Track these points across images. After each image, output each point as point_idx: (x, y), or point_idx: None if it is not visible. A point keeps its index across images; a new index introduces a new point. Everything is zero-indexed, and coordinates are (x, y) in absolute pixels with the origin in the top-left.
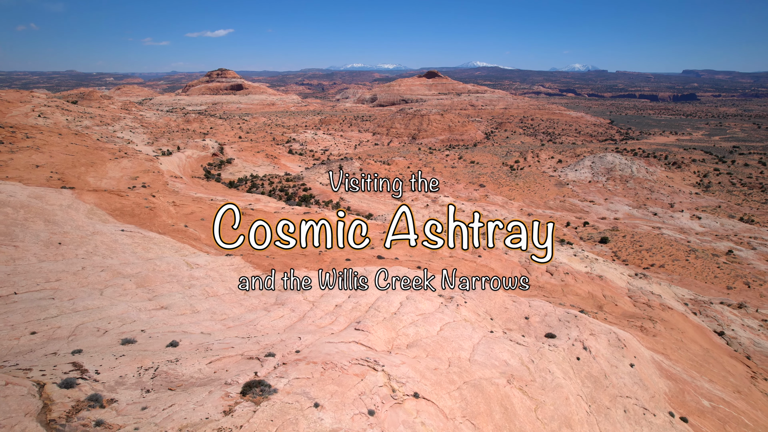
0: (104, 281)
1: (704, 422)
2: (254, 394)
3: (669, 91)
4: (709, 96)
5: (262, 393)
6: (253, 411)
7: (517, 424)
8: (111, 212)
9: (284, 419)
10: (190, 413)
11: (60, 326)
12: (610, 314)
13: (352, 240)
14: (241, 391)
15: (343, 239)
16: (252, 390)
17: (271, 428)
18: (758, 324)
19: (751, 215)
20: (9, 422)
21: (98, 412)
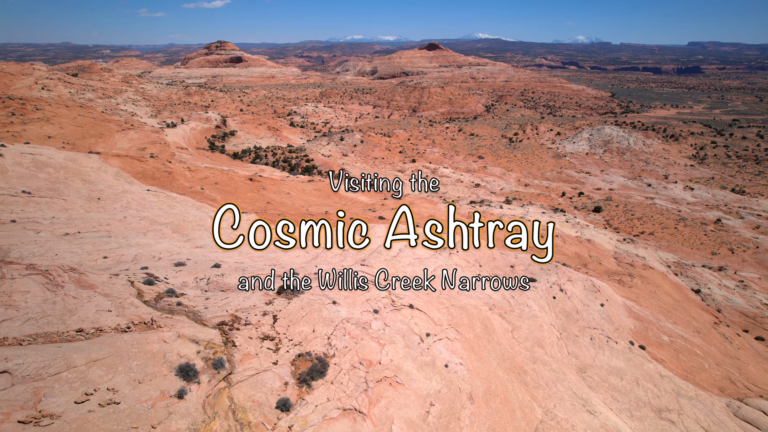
0: (145, 227)
1: (660, 351)
2: (287, 294)
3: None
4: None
5: (292, 293)
6: (288, 302)
7: (494, 338)
8: (134, 175)
9: (311, 308)
10: (241, 302)
11: (123, 254)
12: (593, 271)
13: (352, 240)
14: (277, 292)
15: (343, 240)
16: (285, 291)
17: (301, 313)
18: (735, 284)
19: (742, 186)
20: (121, 300)
21: (175, 299)
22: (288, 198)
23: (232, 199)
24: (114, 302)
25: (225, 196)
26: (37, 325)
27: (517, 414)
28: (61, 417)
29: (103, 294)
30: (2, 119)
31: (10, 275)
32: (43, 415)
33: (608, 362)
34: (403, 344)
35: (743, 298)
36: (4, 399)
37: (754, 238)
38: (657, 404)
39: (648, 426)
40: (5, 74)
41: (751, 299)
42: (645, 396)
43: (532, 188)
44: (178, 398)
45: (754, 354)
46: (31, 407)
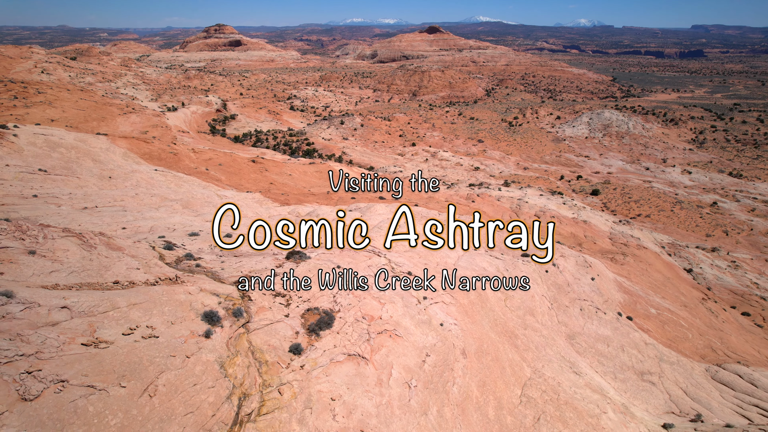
0: (157, 203)
1: (647, 322)
2: (295, 259)
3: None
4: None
5: (300, 258)
6: (296, 265)
7: (488, 305)
8: (141, 156)
9: (317, 270)
10: (253, 265)
11: (140, 225)
12: (587, 250)
13: (352, 240)
14: (286, 257)
15: (343, 239)
16: (293, 256)
17: (309, 274)
18: (726, 264)
19: (740, 170)
20: (146, 260)
21: (194, 261)
22: (290, 179)
23: (236, 180)
24: (140, 262)
25: (229, 177)
26: (80, 276)
27: (507, 371)
28: (113, 344)
29: (130, 255)
30: (5, 102)
31: (51, 236)
32: (99, 341)
33: (596, 331)
34: (401, 304)
35: (734, 277)
36: (68, 327)
37: (749, 221)
38: (640, 368)
39: (630, 387)
40: (4, 58)
41: (742, 278)
42: (629, 361)
43: (531, 172)
44: (205, 337)
45: (737, 327)
46: (89, 335)
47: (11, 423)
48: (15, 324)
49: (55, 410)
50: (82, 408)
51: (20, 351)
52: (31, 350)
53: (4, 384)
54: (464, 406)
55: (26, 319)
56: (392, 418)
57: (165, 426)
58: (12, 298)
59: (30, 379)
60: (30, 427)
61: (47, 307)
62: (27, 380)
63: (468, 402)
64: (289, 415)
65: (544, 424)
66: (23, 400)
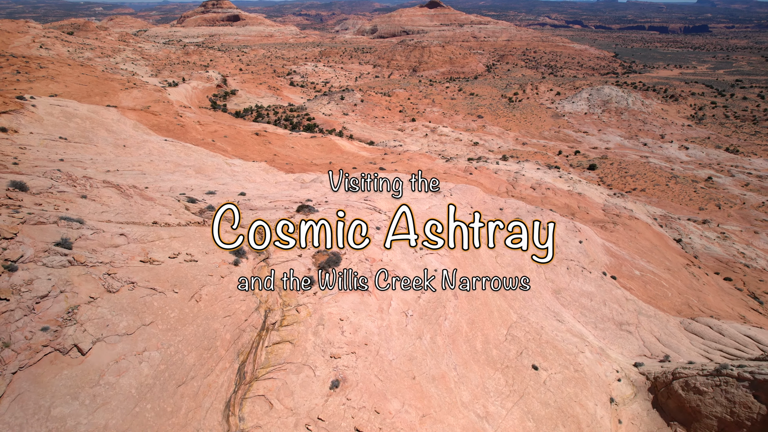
0: (172, 168)
1: (630, 282)
2: (304, 212)
3: (680, 23)
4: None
5: (309, 211)
6: (306, 216)
7: (479, 260)
8: (150, 127)
9: (324, 220)
10: (268, 216)
11: (160, 186)
12: (579, 219)
13: (352, 240)
14: (296, 210)
15: (342, 239)
16: (302, 210)
17: (316, 224)
18: (716, 236)
19: (737, 146)
20: (176, 209)
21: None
22: (293, 152)
23: (241, 151)
24: (171, 209)
25: (235, 148)
26: (124, 217)
27: (495, 314)
28: (163, 263)
29: (161, 204)
30: (9, 77)
31: (95, 186)
32: (152, 260)
33: (581, 287)
34: (400, 252)
35: (721, 247)
36: (127, 249)
37: (742, 195)
38: (619, 319)
39: (608, 335)
40: (2, 32)
41: (729, 248)
42: (610, 313)
43: (530, 147)
44: (234, 265)
45: (717, 289)
46: (143, 255)
47: (103, 306)
48: (89, 242)
49: (130, 301)
50: (149, 302)
51: (99, 260)
52: (106, 260)
53: (94, 280)
54: (454, 338)
55: (96, 240)
56: (391, 338)
57: (210, 323)
58: (83, 224)
59: (110, 279)
60: (115, 310)
61: (109, 233)
62: (108, 279)
63: (458, 335)
64: (305, 328)
65: (526, 357)
66: (108, 292)
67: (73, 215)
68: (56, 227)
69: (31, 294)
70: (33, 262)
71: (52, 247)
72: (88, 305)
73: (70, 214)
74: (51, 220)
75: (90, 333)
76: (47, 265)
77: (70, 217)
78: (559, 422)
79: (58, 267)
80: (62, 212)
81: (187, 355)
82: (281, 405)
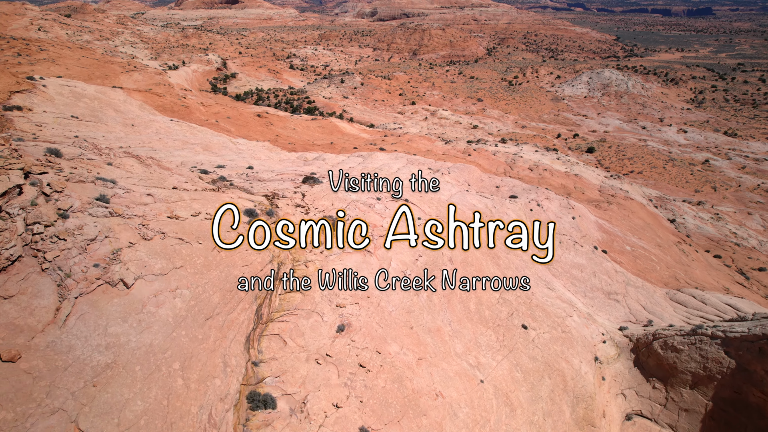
0: (180, 146)
1: (621, 256)
2: (309, 183)
3: (683, 5)
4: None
5: (314, 182)
6: (311, 187)
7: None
8: (156, 108)
9: (329, 191)
10: (276, 186)
11: (171, 161)
12: (574, 198)
13: (352, 240)
14: (302, 181)
15: (342, 239)
16: (308, 181)
17: (322, 193)
18: (710, 216)
19: (735, 129)
20: (191, 178)
21: (228, 182)
22: (294, 133)
23: (244, 132)
24: (186, 178)
25: (238, 129)
26: (146, 183)
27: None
28: (186, 219)
29: (178, 174)
30: (10, 59)
31: (118, 155)
32: (177, 217)
33: (572, 259)
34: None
35: (714, 227)
36: (154, 207)
37: (738, 178)
38: (608, 289)
39: (597, 303)
40: (0, 14)
41: (722, 228)
42: (599, 284)
43: (529, 130)
44: (248, 225)
45: (706, 265)
46: (169, 213)
47: (140, 250)
48: (122, 200)
49: (162, 248)
50: (178, 250)
51: (133, 213)
52: (139, 214)
53: (131, 229)
54: (449, 298)
55: (128, 198)
56: (391, 293)
57: (231, 270)
58: (116, 184)
59: (144, 229)
60: (150, 254)
61: (138, 193)
62: (143, 229)
63: (453, 296)
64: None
65: (516, 318)
66: (144, 239)
67: (106, 176)
68: (94, 186)
69: (83, 237)
70: (80, 212)
71: (93, 200)
72: (129, 249)
73: (104, 175)
74: (89, 180)
75: (132, 271)
76: (92, 215)
77: (105, 177)
78: (545, 375)
79: (101, 217)
80: (96, 174)
81: (212, 295)
82: (294, 343)
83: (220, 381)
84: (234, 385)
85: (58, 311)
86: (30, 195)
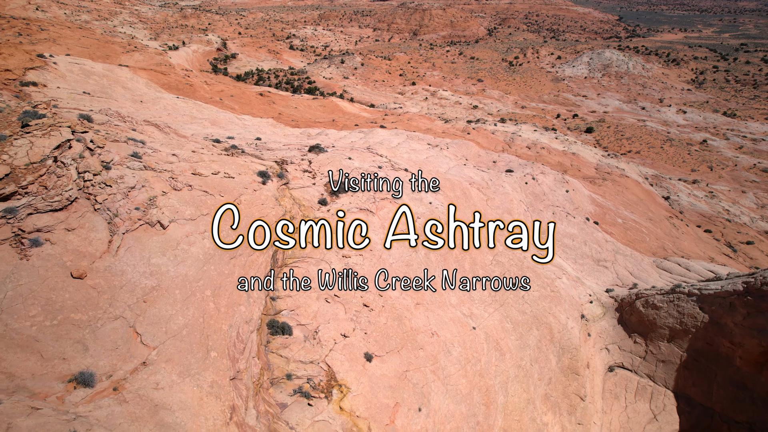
0: (188, 121)
1: (612, 228)
2: (315, 152)
3: None
4: None
5: (319, 151)
6: (317, 155)
7: (471, 201)
8: (161, 86)
9: (333, 158)
10: (285, 153)
11: (184, 133)
12: (570, 175)
13: (352, 240)
14: (308, 149)
15: (342, 239)
16: (313, 149)
17: (328, 160)
18: (704, 194)
19: (734, 110)
20: (206, 145)
21: (239, 150)
22: (296, 111)
23: (248, 109)
24: (202, 145)
25: (242, 107)
26: (168, 147)
27: (483, 246)
28: (208, 177)
29: (193, 141)
30: (11, 39)
31: (140, 123)
32: (200, 174)
33: (564, 229)
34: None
35: (708, 204)
36: (179, 165)
37: (735, 157)
38: (597, 257)
39: (586, 269)
40: None
41: (715, 206)
42: (589, 251)
43: (529, 110)
44: (262, 184)
45: (695, 237)
46: (192, 170)
47: (172, 198)
48: (152, 158)
49: (190, 198)
50: (204, 200)
51: (164, 168)
52: (168, 169)
53: (163, 181)
54: (446, 257)
55: (156, 156)
56: (391, 248)
57: (249, 220)
58: (145, 145)
59: (174, 181)
60: (181, 202)
61: (164, 152)
62: (173, 181)
63: (449, 255)
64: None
65: (508, 277)
66: (174, 190)
67: (136, 137)
68: (126, 145)
69: (124, 185)
70: (120, 165)
71: (129, 156)
72: (162, 197)
73: (134, 136)
74: (122, 140)
75: (167, 215)
76: (130, 168)
77: (135, 138)
78: (534, 327)
79: (137, 170)
80: (127, 136)
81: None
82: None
83: (245, 308)
84: (256, 313)
85: (110, 243)
86: (78, 149)
